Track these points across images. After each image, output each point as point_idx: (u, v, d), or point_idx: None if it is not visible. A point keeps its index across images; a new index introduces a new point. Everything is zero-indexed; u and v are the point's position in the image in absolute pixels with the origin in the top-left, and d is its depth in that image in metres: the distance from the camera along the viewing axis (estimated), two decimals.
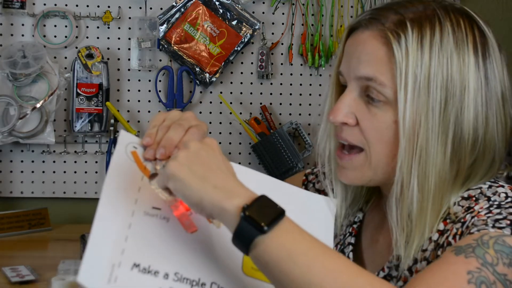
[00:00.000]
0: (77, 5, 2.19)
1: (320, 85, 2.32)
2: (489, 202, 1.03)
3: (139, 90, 2.24)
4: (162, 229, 0.97)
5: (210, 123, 2.28)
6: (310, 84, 2.33)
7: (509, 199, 1.02)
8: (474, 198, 1.06)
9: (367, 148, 1.07)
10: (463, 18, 1.05)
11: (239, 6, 2.24)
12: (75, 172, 2.22)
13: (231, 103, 2.26)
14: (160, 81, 2.24)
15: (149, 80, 2.24)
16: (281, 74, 2.31)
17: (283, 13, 2.29)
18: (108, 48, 2.21)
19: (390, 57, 1.03)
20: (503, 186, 1.07)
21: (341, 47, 1.13)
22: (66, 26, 2.18)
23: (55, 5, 2.17)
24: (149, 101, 2.25)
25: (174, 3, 2.23)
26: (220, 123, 2.29)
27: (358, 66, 1.06)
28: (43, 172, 2.20)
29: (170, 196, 0.97)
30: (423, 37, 1.02)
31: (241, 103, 2.29)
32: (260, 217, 0.87)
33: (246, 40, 2.25)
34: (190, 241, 0.97)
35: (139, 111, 2.24)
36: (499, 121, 1.06)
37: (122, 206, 0.96)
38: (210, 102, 2.28)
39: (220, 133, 2.29)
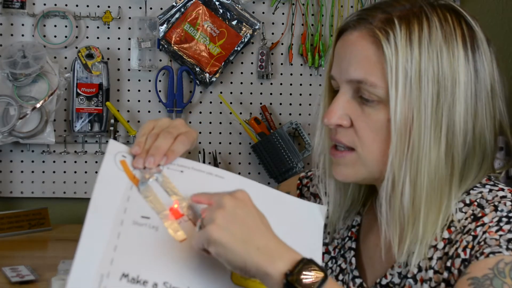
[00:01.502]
0: (77, 5, 2.19)
1: (320, 85, 2.32)
2: (497, 212, 1.02)
3: (139, 90, 2.24)
4: (151, 238, 0.96)
5: (210, 123, 2.28)
6: (310, 84, 2.33)
7: None
8: (476, 204, 1.05)
9: (359, 149, 1.07)
10: (450, 13, 1.06)
11: (239, 6, 2.24)
12: (75, 172, 2.22)
13: (231, 103, 2.26)
14: (160, 81, 2.24)
15: (149, 80, 2.24)
16: (281, 74, 2.31)
17: (283, 13, 2.29)
18: (108, 48, 2.21)
19: (379, 55, 1.03)
20: (503, 190, 1.07)
21: (331, 51, 1.13)
22: (66, 26, 2.18)
23: (55, 5, 2.17)
24: (149, 101, 2.25)
25: (174, 3, 2.23)
26: (220, 123, 2.29)
27: (348, 69, 1.06)
28: (43, 172, 2.20)
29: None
30: (412, 33, 1.03)
31: (241, 103, 2.29)
32: (302, 284, 0.87)
33: (246, 40, 2.25)
34: (179, 250, 0.96)
35: (139, 111, 2.24)
36: (488, 114, 1.06)
37: (111, 215, 0.96)
38: (210, 102, 2.28)
39: (220, 133, 2.29)
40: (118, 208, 0.97)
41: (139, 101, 2.24)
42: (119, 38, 2.22)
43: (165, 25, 2.22)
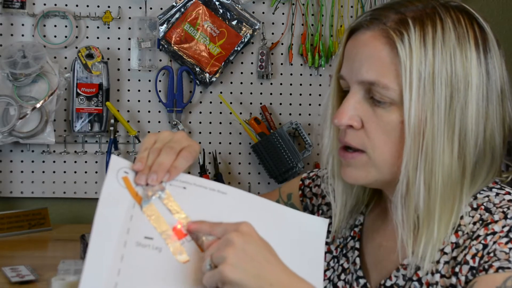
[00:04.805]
0: (77, 5, 2.19)
1: (320, 85, 2.32)
2: (507, 220, 1.02)
3: (139, 90, 2.24)
4: (154, 260, 0.96)
5: (210, 123, 2.28)
6: (310, 84, 2.33)
7: None
8: (483, 207, 1.05)
9: (370, 151, 1.06)
10: (463, 14, 1.06)
11: (239, 6, 2.24)
12: (75, 172, 2.22)
13: (231, 103, 2.26)
14: (160, 81, 2.24)
15: (149, 80, 2.24)
16: (281, 74, 2.31)
17: (283, 13, 2.29)
18: (108, 48, 2.21)
19: (393, 57, 1.03)
20: (509, 193, 1.07)
21: (341, 50, 1.12)
22: (66, 26, 2.18)
23: (55, 5, 2.17)
24: (149, 101, 2.25)
25: (174, 3, 2.23)
26: (220, 123, 2.29)
27: (360, 69, 1.05)
28: (43, 172, 2.20)
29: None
30: (426, 35, 1.02)
31: (241, 103, 2.29)
32: None
33: (246, 40, 2.25)
34: (182, 271, 0.96)
35: (139, 111, 2.24)
36: (498, 116, 1.06)
37: (115, 236, 0.95)
38: (210, 102, 2.28)
39: (220, 133, 2.29)
40: (121, 229, 0.96)
41: (139, 101, 2.24)
42: (119, 38, 2.22)
43: (165, 25, 2.22)
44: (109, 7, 2.20)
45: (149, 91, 2.24)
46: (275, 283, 0.91)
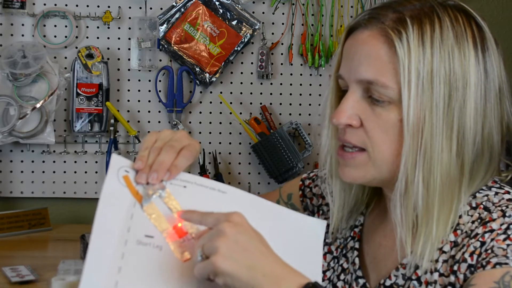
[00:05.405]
0: (77, 5, 2.19)
1: (320, 85, 2.32)
2: (505, 218, 1.02)
3: (139, 90, 2.24)
4: (155, 258, 0.96)
5: (210, 123, 2.28)
6: (310, 84, 2.33)
7: None
8: (482, 206, 1.05)
9: (370, 149, 1.06)
10: (461, 13, 1.06)
11: (239, 6, 2.24)
12: (75, 172, 2.22)
13: (231, 103, 2.26)
14: (160, 81, 2.24)
15: (149, 80, 2.24)
16: (281, 74, 2.31)
17: (283, 13, 2.29)
18: (108, 48, 2.21)
19: (391, 55, 1.03)
20: (509, 192, 1.07)
21: (339, 49, 1.12)
22: (66, 26, 2.18)
23: (55, 5, 2.17)
24: (149, 101, 2.25)
25: (174, 3, 2.23)
26: (220, 123, 2.29)
27: (358, 68, 1.06)
28: (43, 172, 2.20)
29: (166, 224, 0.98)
30: (424, 33, 1.03)
31: (241, 103, 2.29)
32: None
33: (246, 40, 2.25)
34: (183, 269, 0.96)
35: (139, 111, 2.24)
36: (496, 115, 1.07)
37: (115, 235, 0.96)
38: (210, 102, 2.28)
39: (220, 133, 2.29)
40: (121, 227, 0.96)
41: (139, 101, 2.24)
42: (119, 38, 2.22)
43: (165, 25, 2.22)
44: (109, 7, 2.20)
45: (149, 91, 2.24)
46: (268, 274, 0.90)
